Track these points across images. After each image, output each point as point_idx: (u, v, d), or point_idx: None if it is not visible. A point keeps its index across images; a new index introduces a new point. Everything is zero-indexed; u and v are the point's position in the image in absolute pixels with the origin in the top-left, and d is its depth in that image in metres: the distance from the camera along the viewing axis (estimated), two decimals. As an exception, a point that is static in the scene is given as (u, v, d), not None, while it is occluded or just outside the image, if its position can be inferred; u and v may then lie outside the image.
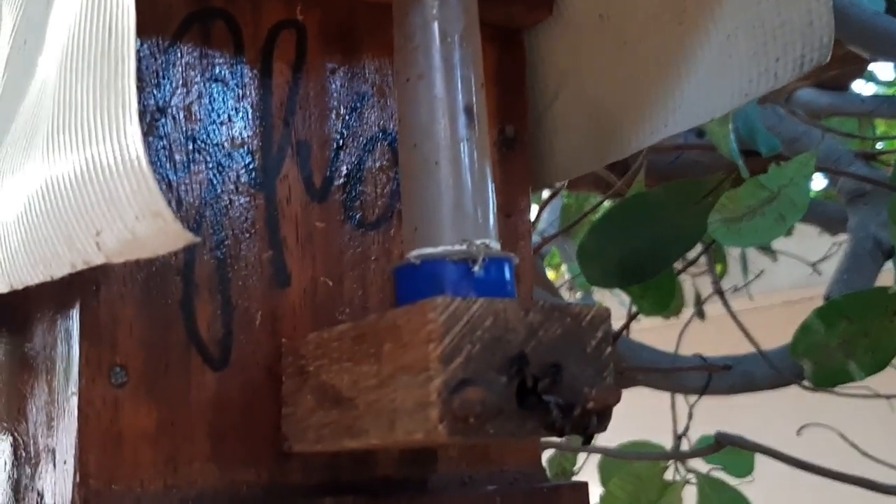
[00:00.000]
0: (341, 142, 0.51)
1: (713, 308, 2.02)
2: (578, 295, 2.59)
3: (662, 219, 1.51)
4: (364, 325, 0.43)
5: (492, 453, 0.52)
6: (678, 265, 2.28)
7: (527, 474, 0.52)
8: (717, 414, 1.69)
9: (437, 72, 0.44)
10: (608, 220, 1.50)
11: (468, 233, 0.44)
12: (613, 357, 0.42)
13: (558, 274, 2.78)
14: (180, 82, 0.47)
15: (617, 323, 1.71)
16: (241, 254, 0.48)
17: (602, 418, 0.41)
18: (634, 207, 1.52)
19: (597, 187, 1.93)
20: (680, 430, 1.69)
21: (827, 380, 1.26)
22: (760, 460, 1.64)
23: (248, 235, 0.48)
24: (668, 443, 1.74)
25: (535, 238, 2.25)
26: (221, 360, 0.46)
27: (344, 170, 0.51)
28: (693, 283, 2.19)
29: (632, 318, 1.69)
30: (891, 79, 2.04)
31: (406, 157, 0.45)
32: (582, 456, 1.86)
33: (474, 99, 0.45)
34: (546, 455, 1.78)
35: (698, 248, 2.15)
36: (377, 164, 0.51)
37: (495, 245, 0.44)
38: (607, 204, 1.53)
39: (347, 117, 0.51)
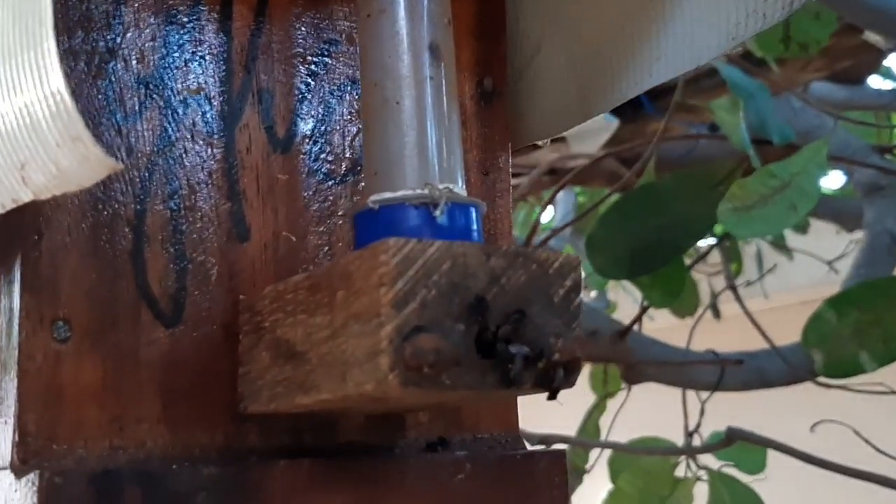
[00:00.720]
0: (307, 91, 0.48)
1: (729, 308, 1.99)
2: (593, 294, 2.56)
3: (672, 208, 1.48)
4: (318, 274, 0.40)
5: (465, 419, 0.49)
6: (689, 259, 2.26)
7: (502, 441, 0.50)
8: (729, 411, 1.65)
9: (399, 6, 0.42)
10: (618, 210, 1.47)
11: (431, 177, 0.41)
12: (582, 308, 0.39)
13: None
14: (132, 24, 0.45)
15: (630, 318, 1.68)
16: (196, 205, 0.45)
17: (569, 372, 0.39)
18: (644, 197, 1.49)
19: (610, 182, 1.90)
20: (692, 427, 1.66)
21: (838, 370, 1.23)
22: (773, 457, 1.60)
23: (204, 186, 0.45)
24: (679, 440, 1.71)
25: (552, 239, 2.22)
26: (174, 316, 0.44)
27: (310, 120, 0.48)
28: (709, 282, 2.15)
29: (643, 310, 1.66)
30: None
31: (366, 97, 0.42)
32: (594, 454, 1.83)
33: (440, 35, 0.42)
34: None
35: (711, 242, 2.12)
36: (346, 115, 0.49)
37: (460, 190, 0.42)
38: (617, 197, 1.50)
39: (314, 65, 0.48)
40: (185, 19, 0.46)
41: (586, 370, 2.05)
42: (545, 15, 0.54)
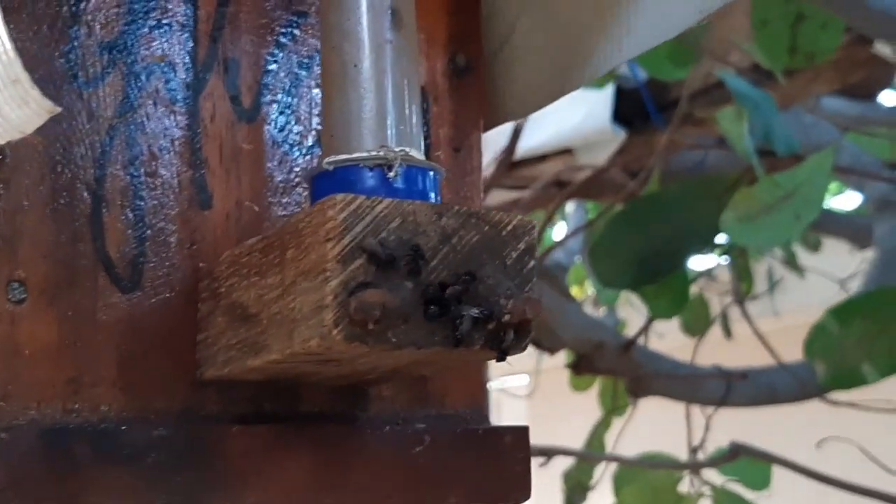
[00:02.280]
0: (274, 62, 0.48)
1: (741, 328, 1.97)
2: (603, 310, 2.55)
3: (677, 217, 1.48)
4: (270, 234, 0.40)
5: (430, 394, 0.49)
6: (693, 270, 2.23)
7: (467, 417, 0.49)
8: (735, 427, 1.64)
9: (359, -31, 0.42)
10: (622, 219, 1.47)
11: (388, 140, 0.41)
12: (537, 271, 0.39)
13: (582, 290, 2.74)
14: (96, -11, 0.45)
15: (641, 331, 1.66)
16: (157, 172, 0.45)
17: (520, 334, 0.38)
18: (648, 206, 1.48)
19: (621, 197, 1.89)
20: (696, 442, 1.64)
21: (842, 382, 1.22)
22: (778, 474, 1.59)
23: (166, 153, 0.45)
24: (685, 456, 1.69)
25: (562, 255, 2.22)
26: (132, 281, 0.44)
27: (277, 91, 0.48)
28: (720, 301, 2.14)
29: (649, 322, 1.65)
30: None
31: (326, 61, 0.42)
32: (598, 470, 1.81)
33: (401, 1, 0.42)
34: (561, 466, 1.74)
35: (723, 262, 2.10)
36: (313, 87, 0.49)
37: (417, 154, 0.41)
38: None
39: (282, 37, 0.48)
40: (151, -14, 0.46)
41: (595, 386, 2.04)
42: (520, -6, 0.54)
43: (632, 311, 2.43)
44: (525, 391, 2.53)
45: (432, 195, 0.41)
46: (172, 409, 0.44)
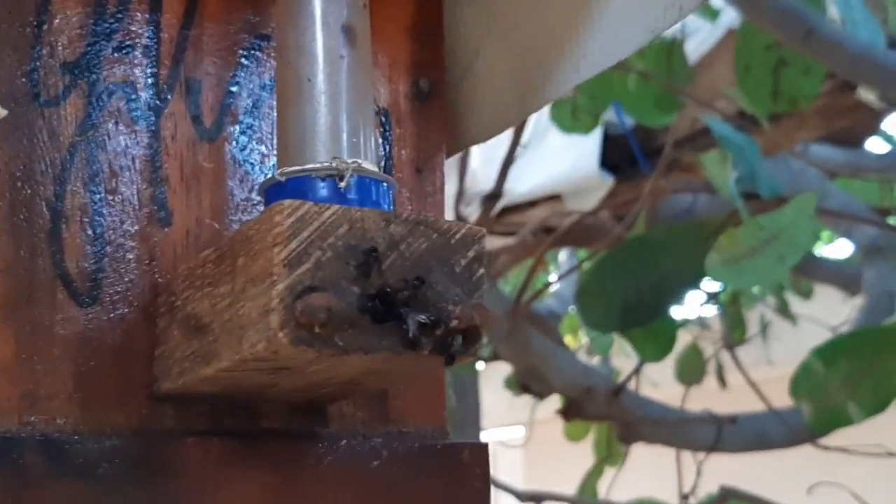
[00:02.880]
0: (236, 84, 0.49)
1: (735, 378, 1.97)
2: (597, 359, 2.55)
3: (663, 261, 1.48)
4: (223, 244, 0.40)
5: (391, 412, 0.49)
6: (687, 319, 2.23)
7: (428, 435, 0.49)
8: (726, 474, 1.63)
9: (313, -13, 0.42)
10: (608, 262, 1.47)
11: (342, 153, 0.41)
12: (486, 279, 0.39)
13: (576, 339, 2.74)
14: (60, 11, 0.46)
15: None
16: (118, 189, 0.46)
17: (469, 339, 0.38)
18: (635, 249, 1.49)
19: (611, 244, 1.89)
20: (688, 487, 1.63)
21: (827, 422, 1.21)
22: (771, 521, 1.57)
23: (127, 171, 0.46)
24: (676, 503, 1.68)
25: (555, 304, 2.22)
26: (91, 296, 0.44)
27: (238, 112, 0.49)
28: (715, 351, 2.14)
29: (639, 367, 1.65)
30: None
31: (281, 75, 0.43)
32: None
33: (355, 18, 0.43)
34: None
35: (712, 307, 2.10)
36: (275, 108, 0.49)
37: (370, 166, 0.42)
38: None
39: (244, 59, 0.49)
40: (114, 9, 0.47)
41: (590, 436, 2.03)
42: (484, 20, 0.55)
43: (626, 361, 2.43)
44: (520, 442, 2.51)
45: (385, 207, 0.42)
46: (129, 424, 0.44)
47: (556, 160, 1.79)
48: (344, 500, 0.45)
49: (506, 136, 1.64)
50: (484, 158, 2.04)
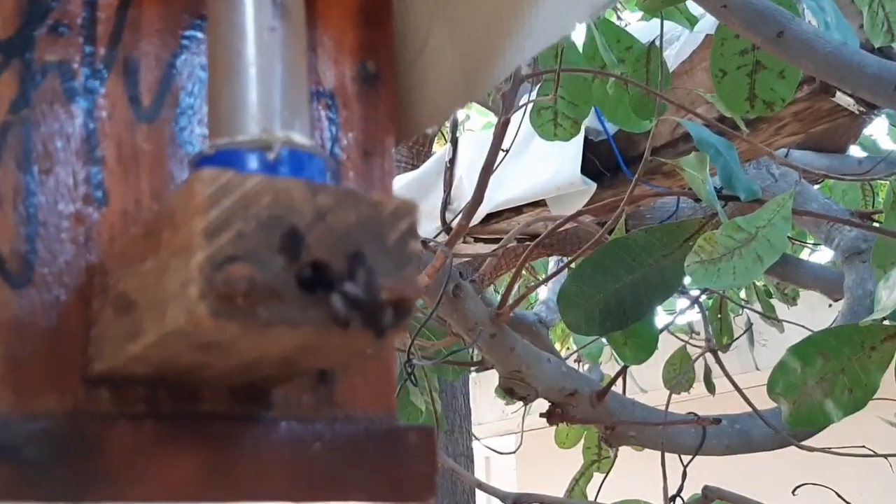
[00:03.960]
0: (175, 64, 0.48)
1: (723, 384, 1.96)
2: (586, 367, 2.54)
3: (644, 263, 1.47)
4: (149, 219, 0.40)
5: (338, 397, 0.48)
6: (682, 333, 2.22)
7: (374, 419, 0.48)
8: (712, 475, 1.62)
9: (243, -39, 0.42)
10: (589, 265, 1.46)
11: (273, 126, 0.41)
12: (418, 255, 0.38)
13: (565, 346, 2.73)
14: (-8, -10, 0.45)
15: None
16: (52, 169, 0.45)
17: (399, 313, 0.38)
18: (615, 252, 1.48)
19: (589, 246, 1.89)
20: (674, 489, 1.62)
21: (805, 421, 1.21)
22: (757, 523, 1.56)
23: (61, 152, 0.45)
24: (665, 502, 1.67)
25: (541, 308, 2.21)
26: (22, 277, 0.43)
27: (178, 93, 0.48)
28: (704, 357, 2.13)
29: (623, 370, 1.64)
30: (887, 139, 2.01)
31: (211, 50, 0.42)
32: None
33: (285, -9, 0.42)
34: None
35: (694, 309, 2.09)
36: (216, 90, 0.49)
37: (302, 140, 0.41)
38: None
39: (184, 39, 0.49)
40: (49, -12, 0.46)
41: (580, 443, 2.02)
42: (431, 6, 0.55)
43: (616, 368, 2.42)
44: (512, 449, 2.50)
45: (319, 181, 0.41)
46: (64, 408, 0.43)
47: (539, 167, 1.79)
48: (282, 482, 0.44)
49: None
50: (471, 168, 2.03)
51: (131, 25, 0.48)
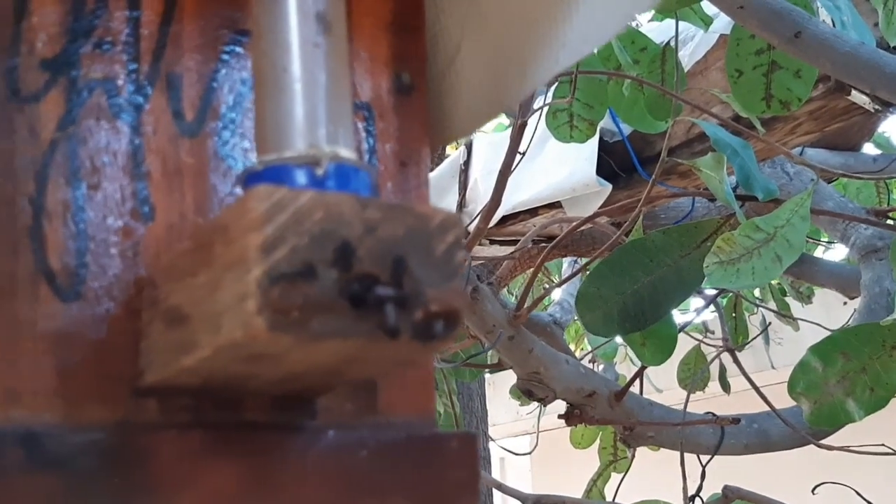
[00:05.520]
0: (217, 79, 0.49)
1: (739, 383, 1.97)
2: (601, 367, 2.54)
3: (662, 264, 1.48)
4: (199, 234, 0.40)
5: (379, 404, 0.49)
6: (696, 333, 2.22)
7: (414, 426, 0.49)
8: (731, 475, 1.62)
9: (287, -22, 0.43)
10: (607, 266, 1.47)
11: (319, 141, 0.42)
12: (464, 264, 0.39)
13: (580, 346, 2.74)
14: (37, 9, 0.46)
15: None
16: (100, 185, 0.46)
17: (449, 323, 0.38)
18: (633, 253, 1.49)
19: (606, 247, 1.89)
20: (693, 489, 1.63)
21: (826, 420, 1.21)
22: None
23: (108, 167, 0.46)
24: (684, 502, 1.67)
25: (556, 309, 2.21)
26: (73, 291, 0.44)
27: (220, 107, 0.49)
28: (719, 357, 2.13)
29: (641, 370, 1.65)
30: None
31: (256, 66, 0.43)
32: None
33: (329, 5, 0.43)
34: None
35: (710, 309, 2.09)
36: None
37: (348, 154, 0.42)
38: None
39: (225, 55, 0.49)
40: (93, 6, 0.47)
41: (596, 443, 2.03)
42: (464, 15, 0.55)
43: (631, 368, 2.42)
44: (528, 450, 2.51)
45: (364, 194, 0.42)
46: (114, 418, 0.44)
47: (554, 169, 1.80)
48: (330, 490, 0.45)
49: (505, 147, 1.64)
50: (485, 170, 2.04)
51: (173, 41, 0.48)
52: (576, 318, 2.14)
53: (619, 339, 2.18)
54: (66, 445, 0.41)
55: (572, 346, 2.58)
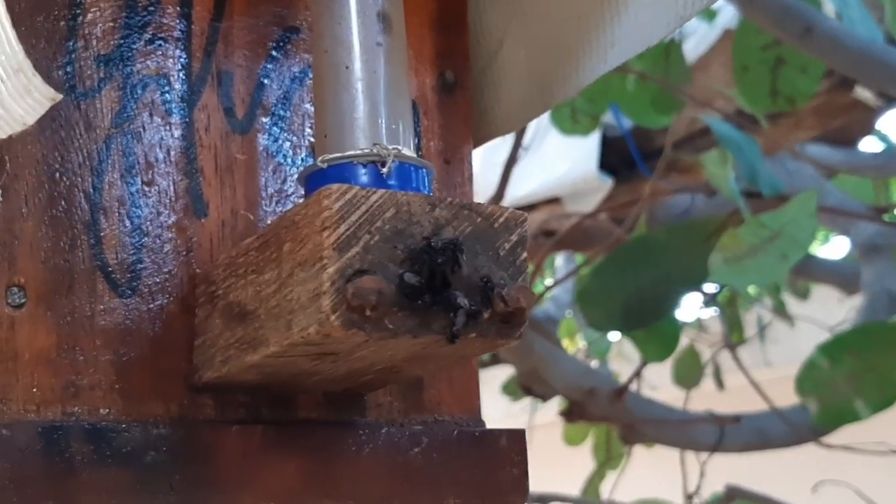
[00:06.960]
0: (267, 76, 0.49)
1: (734, 379, 1.98)
2: (595, 363, 2.55)
3: (665, 260, 1.48)
4: (266, 231, 0.41)
5: (426, 401, 0.49)
6: (693, 330, 2.23)
7: (463, 423, 0.49)
8: (730, 473, 1.63)
9: (349, -24, 0.43)
10: (611, 263, 1.47)
11: (381, 139, 0.42)
12: (528, 262, 0.39)
13: (574, 342, 2.74)
14: (93, 5, 0.46)
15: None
16: (154, 180, 0.46)
17: (515, 322, 0.39)
18: (637, 250, 1.49)
19: (609, 247, 1.90)
20: (692, 488, 1.63)
21: (834, 419, 1.22)
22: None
23: (162, 163, 0.46)
24: (681, 503, 1.68)
25: (552, 308, 2.22)
26: (129, 287, 0.44)
27: (269, 104, 0.49)
28: (713, 354, 2.14)
29: (641, 367, 1.65)
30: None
31: (317, 64, 0.43)
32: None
33: (390, 4, 0.43)
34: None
35: (710, 309, 2.10)
36: (306, 100, 0.50)
37: (409, 152, 0.42)
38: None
39: (274, 51, 0.49)
40: (146, 3, 0.47)
41: (589, 440, 2.03)
42: (506, 11, 0.55)
43: (623, 363, 2.43)
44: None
45: (425, 192, 0.42)
46: (170, 414, 0.44)
47: (554, 163, 1.80)
48: (384, 487, 0.45)
49: (504, 140, 1.64)
50: (484, 164, 2.04)
51: (224, 38, 0.48)
52: (569, 312, 2.14)
53: (612, 336, 2.18)
54: (132, 440, 0.41)
55: (565, 342, 2.59)
